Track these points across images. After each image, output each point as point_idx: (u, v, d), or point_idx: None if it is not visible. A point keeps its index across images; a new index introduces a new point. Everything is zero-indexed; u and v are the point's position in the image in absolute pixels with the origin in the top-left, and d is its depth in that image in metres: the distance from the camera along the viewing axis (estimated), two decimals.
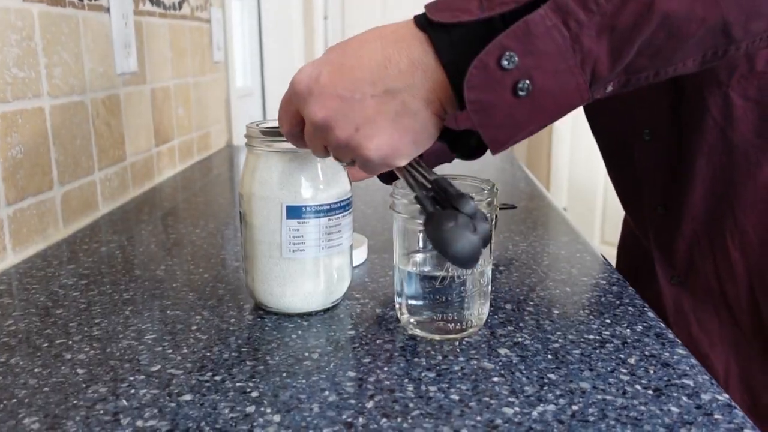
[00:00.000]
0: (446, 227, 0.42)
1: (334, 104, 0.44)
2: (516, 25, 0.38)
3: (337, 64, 0.44)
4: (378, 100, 0.43)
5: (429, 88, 0.42)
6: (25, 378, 0.48)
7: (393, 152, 0.45)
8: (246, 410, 0.43)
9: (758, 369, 0.68)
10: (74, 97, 0.87)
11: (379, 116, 0.43)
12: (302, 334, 0.55)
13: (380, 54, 0.42)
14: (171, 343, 0.53)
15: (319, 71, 0.44)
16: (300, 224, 0.56)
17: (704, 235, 0.68)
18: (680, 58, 0.41)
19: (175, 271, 0.70)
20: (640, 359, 0.50)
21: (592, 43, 0.38)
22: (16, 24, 0.74)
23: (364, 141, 0.44)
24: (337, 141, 0.45)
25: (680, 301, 0.73)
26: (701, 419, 0.42)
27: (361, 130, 0.44)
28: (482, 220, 0.44)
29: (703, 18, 0.38)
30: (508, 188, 1.12)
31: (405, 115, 0.43)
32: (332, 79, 0.43)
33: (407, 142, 0.44)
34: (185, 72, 1.31)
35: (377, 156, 0.44)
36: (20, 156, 0.75)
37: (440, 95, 0.42)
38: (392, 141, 0.44)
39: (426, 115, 0.43)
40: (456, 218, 0.43)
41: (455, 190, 0.45)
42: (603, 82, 0.40)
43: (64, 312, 0.60)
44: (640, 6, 0.37)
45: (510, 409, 0.43)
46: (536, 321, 0.57)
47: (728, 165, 0.64)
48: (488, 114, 0.40)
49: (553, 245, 0.80)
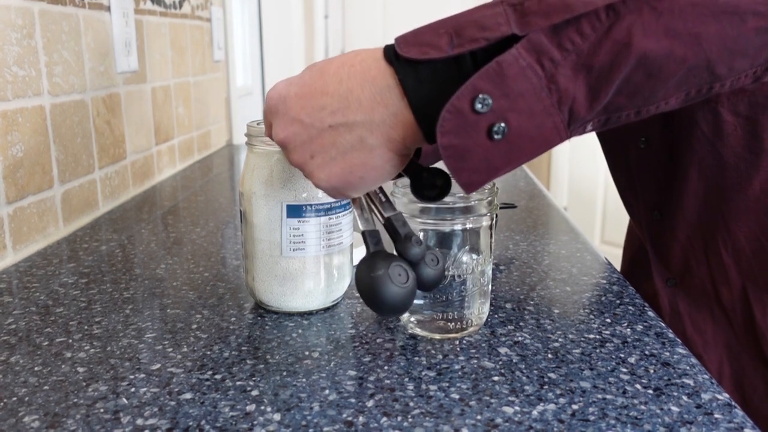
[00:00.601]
0: (374, 274, 0.42)
1: (294, 128, 0.44)
2: (489, 66, 0.37)
3: (306, 86, 0.43)
4: (335, 131, 0.42)
5: (391, 125, 0.41)
6: (26, 376, 0.48)
7: (343, 185, 0.44)
8: (246, 409, 0.43)
9: (751, 370, 0.69)
10: (74, 96, 0.87)
11: (333, 148, 0.43)
12: (302, 332, 0.55)
13: (345, 84, 0.42)
14: (171, 341, 0.53)
15: (288, 91, 0.44)
16: (300, 223, 0.56)
17: (698, 241, 0.69)
18: (662, 97, 0.39)
19: (176, 270, 0.70)
20: (640, 359, 0.50)
21: (569, 82, 0.37)
22: (16, 22, 0.74)
23: (316, 170, 0.44)
24: (293, 163, 0.45)
25: (675, 302, 0.73)
26: (701, 418, 0.42)
27: (315, 158, 0.44)
28: (432, 264, 0.45)
29: (683, 58, 0.37)
30: (508, 187, 1.12)
31: (360, 150, 0.42)
32: (297, 102, 0.43)
33: (357, 176, 0.43)
34: (185, 71, 1.31)
35: (328, 186, 0.44)
36: (20, 154, 0.75)
37: (403, 133, 0.41)
38: (343, 174, 0.43)
39: (383, 152, 0.42)
40: (387, 266, 0.42)
41: (406, 230, 0.46)
42: (581, 122, 0.39)
43: (65, 310, 0.60)
44: (617, 46, 0.36)
45: (510, 408, 0.43)
46: (536, 320, 0.57)
47: (719, 177, 0.65)
48: (463, 158, 0.39)
49: (554, 245, 0.80)
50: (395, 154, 0.42)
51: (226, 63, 1.61)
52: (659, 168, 0.70)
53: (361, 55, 0.43)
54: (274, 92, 0.46)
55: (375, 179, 0.44)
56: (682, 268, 0.71)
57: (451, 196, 0.52)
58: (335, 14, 3.44)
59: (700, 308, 0.71)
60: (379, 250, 0.46)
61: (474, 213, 0.51)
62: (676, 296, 0.73)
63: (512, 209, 0.96)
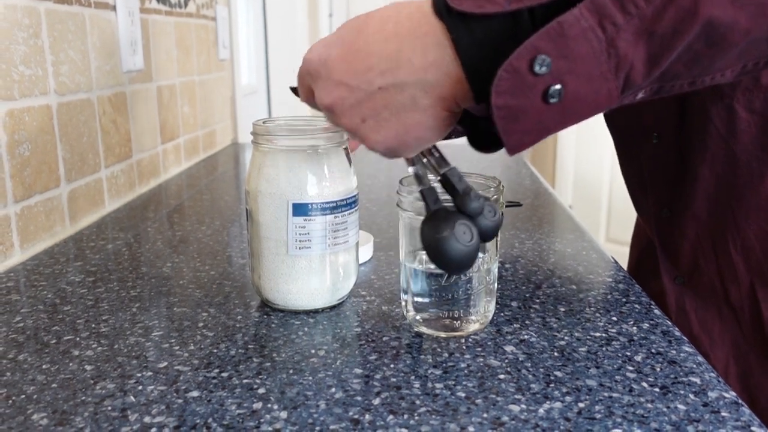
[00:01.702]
0: (439, 235, 0.42)
1: (340, 92, 0.42)
2: (549, 26, 0.36)
3: (347, 46, 0.42)
4: (386, 92, 0.41)
5: (443, 84, 0.40)
6: (34, 374, 0.48)
7: (399, 146, 0.43)
8: (253, 407, 0.43)
9: (758, 370, 0.68)
10: (81, 95, 0.87)
11: (385, 109, 0.41)
12: (308, 331, 0.55)
13: (393, 44, 0.40)
14: (178, 339, 0.53)
15: (329, 53, 0.42)
16: (306, 221, 0.56)
17: (707, 238, 0.68)
18: (719, 68, 0.38)
19: (182, 269, 0.71)
20: (646, 357, 0.50)
21: (629, 48, 0.36)
22: (23, 22, 0.75)
23: (370, 133, 0.43)
24: (344, 127, 0.44)
25: (683, 300, 0.73)
26: (708, 417, 0.42)
27: (366, 121, 0.42)
28: (490, 216, 0.44)
29: (747, 29, 0.35)
30: (513, 186, 1.12)
31: (413, 110, 0.41)
32: (341, 64, 0.42)
33: (413, 137, 0.43)
34: (191, 70, 1.31)
35: (382, 148, 0.43)
36: (27, 153, 0.76)
37: (455, 92, 0.40)
38: (398, 135, 0.42)
39: (436, 112, 0.41)
40: (452, 225, 0.42)
41: (463, 185, 0.44)
42: (635, 89, 0.38)
43: (72, 309, 0.60)
44: (681, 12, 0.34)
45: (516, 407, 0.43)
46: (542, 318, 0.57)
47: (730, 174, 0.64)
48: (516, 120, 0.38)
49: (559, 243, 0.80)
50: (449, 112, 0.41)
51: (231, 62, 1.61)
52: (670, 164, 0.70)
53: (406, 8, 0.41)
54: (312, 55, 0.44)
55: (430, 138, 0.43)
56: (691, 265, 0.71)
57: None
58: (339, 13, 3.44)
59: (708, 307, 0.71)
60: (439, 207, 0.44)
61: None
62: (683, 294, 0.73)
63: (518, 207, 0.96)
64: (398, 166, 1.42)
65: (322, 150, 0.56)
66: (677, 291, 0.73)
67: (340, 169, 0.58)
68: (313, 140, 0.56)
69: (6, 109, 0.72)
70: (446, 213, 0.44)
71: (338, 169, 0.57)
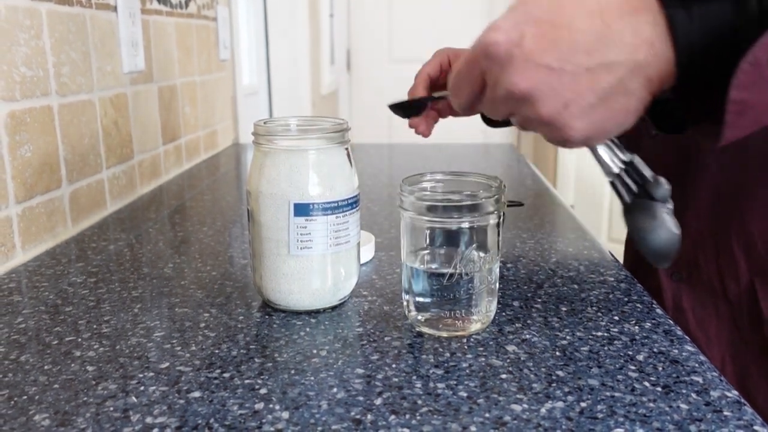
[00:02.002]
0: (652, 225, 0.41)
1: (540, 75, 0.37)
2: None
3: (545, 24, 0.37)
4: (592, 73, 0.37)
5: (651, 65, 0.37)
6: (36, 375, 0.48)
7: (598, 133, 0.39)
8: (255, 407, 0.43)
9: (755, 369, 0.68)
10: (82, 96, 0.88)
11: (591, 93, 0.37)
12: (310, 331, 0.55)
13: (599, 19, 0.36)
14: (180, 340, 0.53)
15: (522, 32, 0.38)
16: (308, 221, 0.56)
17: (709, 235, 0.68)
18: None
19: (183, 269, 0.71)
20: (648, 356, 0.50)
21: None
22: (24, 23, 0.75)
23: (572, 120, 0.38)
24: (539, 117, 0.39)
25: (680, 297, 0.73)
26: (711, 416, 0.42)
27: (570, 107, 0.38)
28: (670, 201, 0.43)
29: None
30: (515, 185, 1.12)
31: (621, 94, 0.37)
32: (539, 44, 0.37)
33: (615, 123, 0.39)
34: (192, 70, 1.31)
35: (580, 137, 0.39)
36: (29, 154, 0.76)
37: (661, 74, 0.37)
38: (602, 122, 0.38)
39: (642, 95, 0.38)
40: (659, 214, 0.41)
41: (650, 173, 0.42)
42: None
43: (74, 310, 0.60)
44: None
45: (518, 406, 0.43)
46: (544, 318, 0.57)
47: (739, 169, 0.64)
48: (746, 115, 0.35)
49: (561, 242, 0.80)
50: (651, 95, 0.39)
51: (232, 62, 1.61)
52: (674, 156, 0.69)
53: None
54: (497, 35, 0.38)
55: (629, 124, 0.40)
56: (689, 262, 0.71)
57: (458, 193, 0.53)
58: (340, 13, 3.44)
59: (705, 304, 0.71)
60: (639, 200, 0.43)
61: (481, 211, 0.51)
62: (680, 291, 0.73)
63: (519, 207, 0.96)
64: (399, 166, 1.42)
65: (323, 150, 0.56)
66: (674, 288, 0.73)
67: (342, 169, 0.58)
68: (314, 140, 0.56)
69: (7, 110, 0.72)
70: (645, 202, 0.42)
71: (339, 169, 0.57)
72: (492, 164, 1.32)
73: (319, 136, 0.56)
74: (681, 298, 0.73)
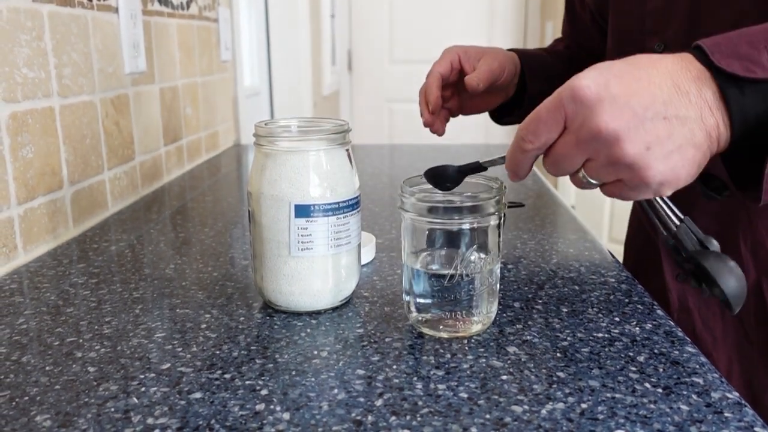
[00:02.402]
0: (735, 273, 0.45)
1: (627, 117, 0.41)
2: None
3: (626, 75, 0.42)
4: (669, 123, 0.41)
5: (713, 126, 0.41)
6: (37, 376, 0.48)
7: (672, 180, 0.43)
8: (256, 408, 0.43)
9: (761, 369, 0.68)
10: (84, 97, 0.88)
11: (669, 141, 0.41)
12: (311, 332, 0.55)
13: (670, 79, 0.41)
14: (181, 341, 0.53)
15: (607, 79, 0.42)
16: (308, 223, 0.56)
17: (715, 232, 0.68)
18: None
19: (185, 270, 0.71)
20: (649, 357, 0.50)
21: None
22: (26, 24, 0.75)
23: (654, 162, 0.41)
24: (623, 156, 0.42)
25: (685, 298, 0.73)
26: (711, 417, 0.42)
27: (652, 149, 0.41)
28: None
29: None
30: (516, 186, 1.12)
31: (692, 146, 0.42)
32: (625, 90, 0.41)
33: (687, 172, 0.42)
34: (193, 71, 1.31)
35: (659, 180, 0.42)
36: (30, 156, 0.76)
37: (719, 134, 0.42)
38: (677, 169, 0.42)
39: (706, 151, 0.42)
40: (726, 262, 0.45)
41: (700, 231, 0.47)
42: None
43: (75, 311, 0.60)
44: None
45: (519, 407, 0.43)
46: (545, 319, 0.57)
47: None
48: None
49: (562, 243, 0.80)
50: (710, 153, 0.43)
51: (234, 63, 1.61)
52: None
53: (665, 58, 0.43)
54: (586, 81, 0.42)
55: (692, 178, 0.44)
56: None
57: (458, 195, 0.53)
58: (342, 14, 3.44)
59: (710, 304, 0.71)
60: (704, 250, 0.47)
61: (482, 212, 0.51)
62: (685, 292, 0.73)
63: (520, 208, 0.96)
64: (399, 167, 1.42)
65: (324, 151, 0.56)
66: (680, 289, 0.73)
67: (342, 170, 0.58)
68: (315, 142, 0.56)
69: (9, 111, 0.72)
70: (711, 253, 0.46)
71: (340, 171, 0.57)
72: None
73: (320, 138, 0.56)
74: (686, 298, 0.73)
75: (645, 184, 0.43)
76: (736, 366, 0.70)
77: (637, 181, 0.43)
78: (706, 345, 0.71)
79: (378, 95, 3.69)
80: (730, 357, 0.70)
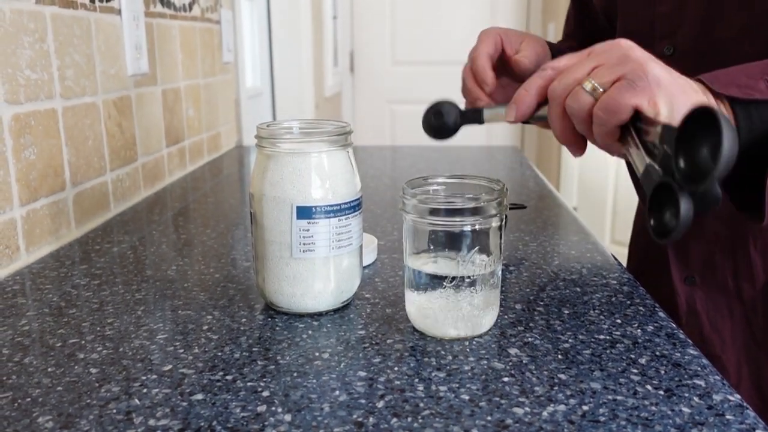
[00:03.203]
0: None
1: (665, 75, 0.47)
2: None
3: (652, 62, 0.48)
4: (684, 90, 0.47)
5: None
6: (39, 377, 0.48)
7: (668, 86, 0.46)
8: (257, 410, 0.43)
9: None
10: (86, 99, 0.88)
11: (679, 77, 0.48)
12: (312, 333, 0.55)
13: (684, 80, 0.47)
14: (182, 342, 0.54)
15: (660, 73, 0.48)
16: (310, 224, 0.56)
17: (727, 237, 0.68)
18: None
19: (186, 271, 0.71)
20: (651, 359, 0.50)
21: None
22: (28, 26, 0.75)
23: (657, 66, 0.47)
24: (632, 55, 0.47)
25: (693, 301, 0.73)
26: (713, 420, 0.42)
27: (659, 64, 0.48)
28: None
29: None
30: (517, 188, 1.12)
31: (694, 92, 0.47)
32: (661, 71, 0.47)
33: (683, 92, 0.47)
34: (195, 73, 1.32)
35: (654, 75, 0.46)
36: (33, 157, 0.76)
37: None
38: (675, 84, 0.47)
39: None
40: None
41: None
42: None
43: (77, 312, 0.60)
44: None
45: (520, 409, 0.43)
46: (546, 321, 0.57)
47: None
48: None
49: (563, 245, 0.80)
50: None
51: (236, 65, 1.61)
52: None
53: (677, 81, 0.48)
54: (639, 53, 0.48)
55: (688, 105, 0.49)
56: (705, 264, 0.71)
57: (460, 197, 0.53)
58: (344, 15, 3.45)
59: (719, 306, 0.71)
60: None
61: (483, 214, 0.51)
62: (694, 295, 0.72)
63: (522, 210, 0.96)
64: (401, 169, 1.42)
65: (326, 153, 0.56)
66: (688, 292, 0.73)
67: (344, 171, 0.58)
68: (317, 143, 0.56)
69: (12, 113, 0.72)
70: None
71: (342, 172, 0.57)
72: (495, 167, 1.32)
73: (322, 139, 0.57)
74: (695, 301, 0.72)
75: (644, 74, 0.46)
76: (745, 367, 0.70)
77: (639, 72, 0.46)
78: (715, 347, 0.71)
79: (380, 97, 3.70)
80: (739, 359, 0.70)
